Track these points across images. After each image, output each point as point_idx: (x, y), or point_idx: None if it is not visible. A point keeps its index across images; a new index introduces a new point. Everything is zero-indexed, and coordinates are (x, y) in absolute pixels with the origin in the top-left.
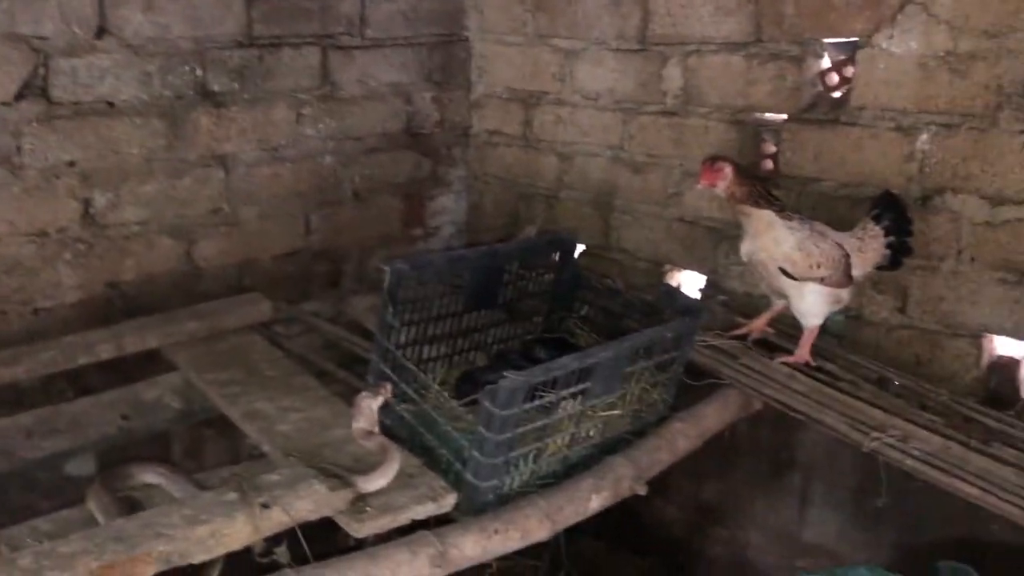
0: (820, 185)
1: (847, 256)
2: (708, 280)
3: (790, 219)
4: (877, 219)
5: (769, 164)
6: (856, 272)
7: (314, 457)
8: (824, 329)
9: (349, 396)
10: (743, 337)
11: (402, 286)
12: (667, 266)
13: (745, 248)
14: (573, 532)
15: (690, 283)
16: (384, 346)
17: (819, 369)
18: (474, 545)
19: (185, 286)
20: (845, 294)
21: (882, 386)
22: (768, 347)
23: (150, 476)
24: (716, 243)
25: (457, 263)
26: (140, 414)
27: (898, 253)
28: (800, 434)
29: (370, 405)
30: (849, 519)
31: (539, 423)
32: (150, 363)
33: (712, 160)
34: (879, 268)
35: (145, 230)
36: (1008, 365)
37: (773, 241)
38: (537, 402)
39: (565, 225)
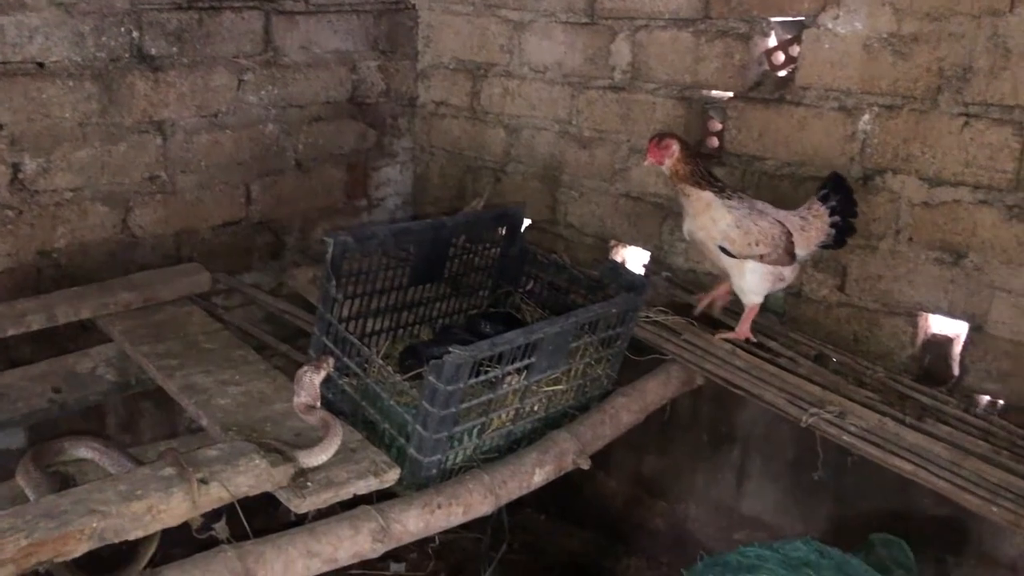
0: (764, 163)
1: (789, 234)
2: (652, 256)
3: (730, 198)
4: (824, 199)
5: (715, 142)
6: (799, 251)
7: (254, 432)
8: (765, 307)
9: (290, 370)
10: (708, 308)
11: (346, 258)
12: (613, 242)
13: (686, 227)
14: (516, 506)
15: (635, 259)
16: (326, 319)
17: (759, 346)
18: (417, 520)
19: (120, 255)
20: (788, 272)
21: (820, 363)
22: (712, 324)
23: (83, 451)
24: (661, 219)
25: (402, 236)
26: (72, 387)
27: (842, 232)
28: (739, 409)
29: (312, 379)
30: (786, 492)
31: (483, 398)
32: (83, 334)
33: (660, 137)
34: (823, 247)
35: (78, 197)
36: (942, 343)
37: (711, 220)
38: (482, 377)
39: (512, 199)
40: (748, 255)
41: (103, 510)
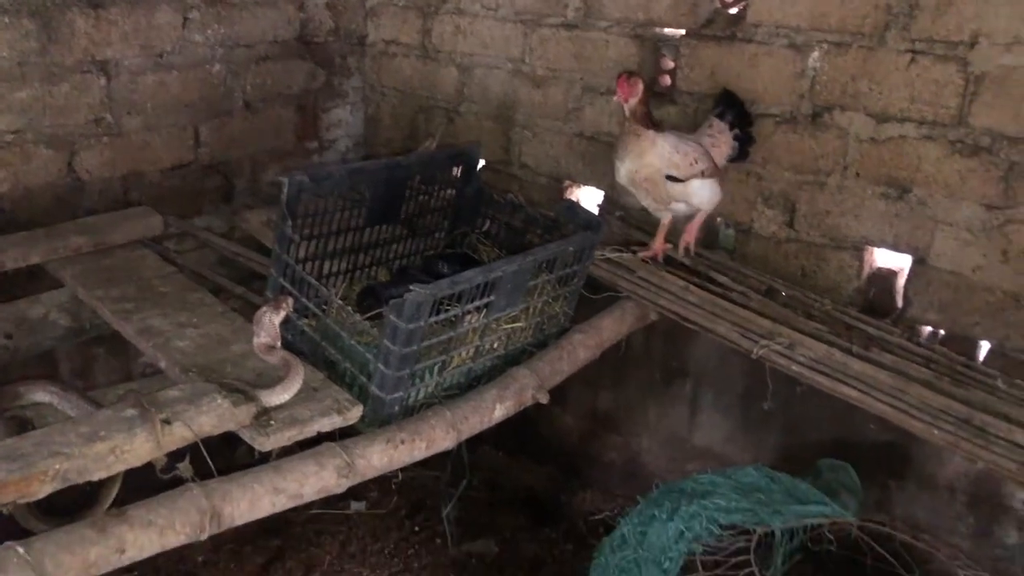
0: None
1: (708, 151)
2: (606, 196)
3: (660, 132)
4: (721, 116)
5: (667, 80)
6: (720, 163)
7: (214, 372)
8: (716, 244)
9: (248, 312)
10: (652, 259)
11: (301, 199)
12: (567, 182)
13: (626, 168)
14: (474, 443)
15: (589, 199)
16: (283, 260)
17: (711, 280)
18: (381, 455)
19: (67, 200)
20: (719, 185)
21: (770, 297)
22: (665, 261)
23: (40, 394)
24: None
25: (357, 175)
26: (24, 332)
27: (743, 144)
28: (691, 345)
29: (271, 319)
30: (736, 423)
31: (444, 336)
32: (32, 280)
33: (630, 74)
34: (731, 160)
35: (20, 139)
36: (886, 276)
37: (657, 155)
38: (442, 315)
39: (465, 139)
40: (691, 174)
41: (66, 452)
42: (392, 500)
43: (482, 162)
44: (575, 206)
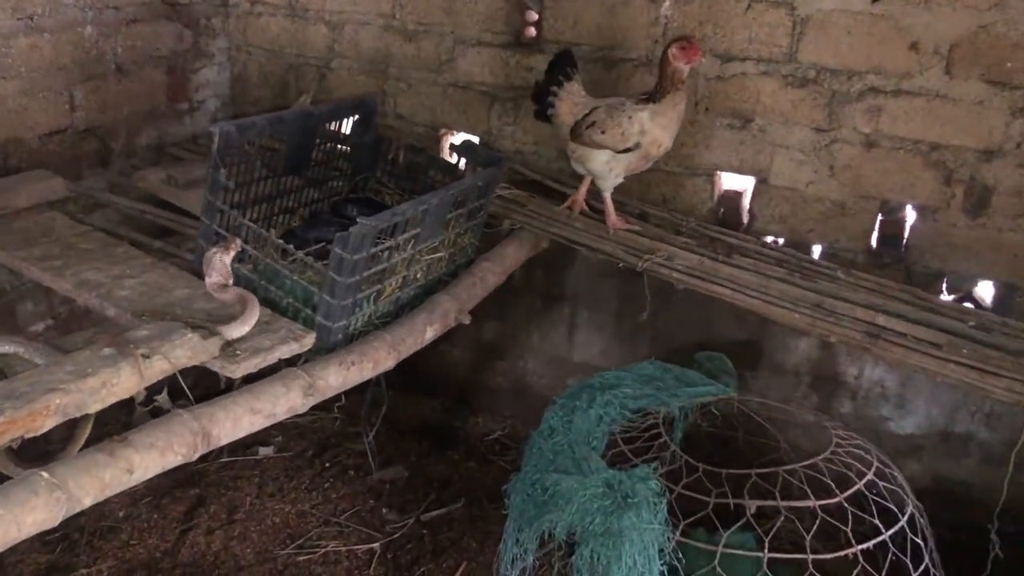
0: (581, 49)
1: None
2: (482, 141)
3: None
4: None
5: (532, 31)
6: None
7: (166, 315)
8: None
9: (175, 263)
10: (569, 209)
11: (228, 149)
12: (443, 130)
13: (657, 132)
14: (363, 385)
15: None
16: (217, 207)
17: (592, 208)
18: (336, 375)
19: None
20: None
21: (644, 219)
22: (548, 194)
23: (7, 346)
24: (489, 106)
25: (277, 124)
26: None
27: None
28: (567, 271)
29: (222, 259)
30: (610, 338)
31: (380, 267)
32: None
33: (690, 38)
34: None
35: None
36: (733, 196)
37: (678, 114)
38: (380, 246)
39: (339, 95)
40: None
41: (63, 388)
42: (297, 444)
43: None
44: (475, 146)
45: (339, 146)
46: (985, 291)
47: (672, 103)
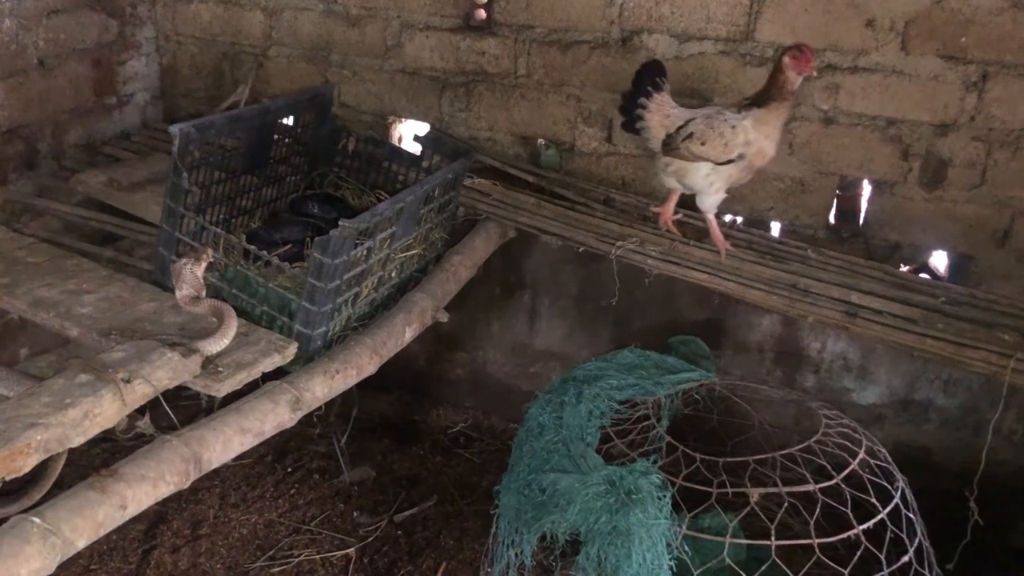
0: (534, 31)
1: None
2: (433, 127)
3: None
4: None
5: (481, 14)
6: None
7: (135, 332)
8: (541, 163)
9: (130, 273)
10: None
11: (189, 150)
12: (391, 118)
13: (763, 143)
14: None
15: (413, 132)
16: (179, 212)
17: (557, 195)
18: (322, 386)
19: None
20: None
21: (609, 205)
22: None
23: None
24: (440, 92)
25: (235, 122)
26: None
27: None
28: (526, 258)
29: (193, 270)
30: (572, 324)
31: (359, 268)
32: None
33: (801, 46)
34: None
35: None
36: None
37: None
38: (362, 247)
39: (279, 84)
40: None
41: (42, 422)
42: (255, 449)
43: None
44: (441, 136)
45: (295, 141)
46: (939, 261)
47: (777, 111)
